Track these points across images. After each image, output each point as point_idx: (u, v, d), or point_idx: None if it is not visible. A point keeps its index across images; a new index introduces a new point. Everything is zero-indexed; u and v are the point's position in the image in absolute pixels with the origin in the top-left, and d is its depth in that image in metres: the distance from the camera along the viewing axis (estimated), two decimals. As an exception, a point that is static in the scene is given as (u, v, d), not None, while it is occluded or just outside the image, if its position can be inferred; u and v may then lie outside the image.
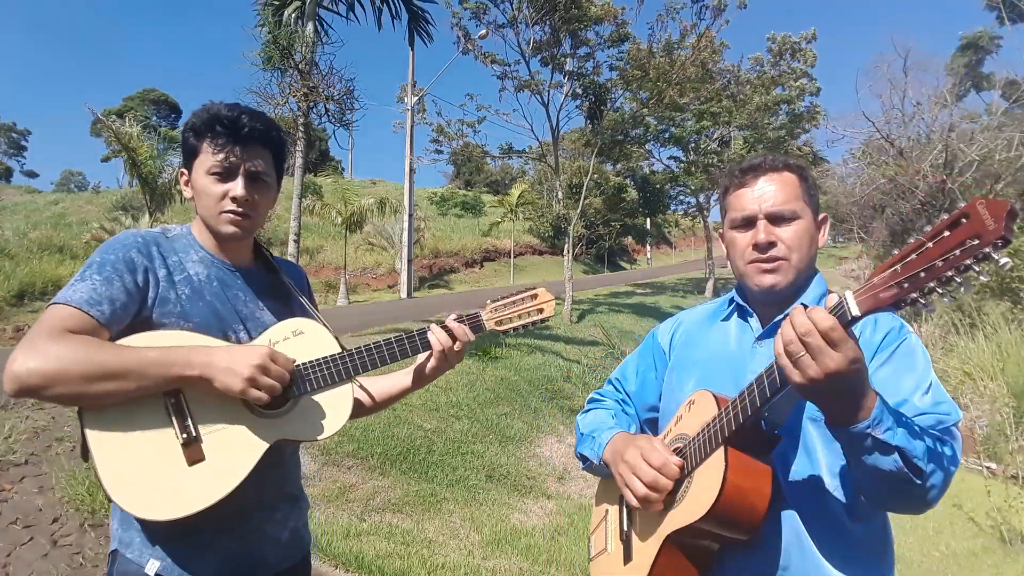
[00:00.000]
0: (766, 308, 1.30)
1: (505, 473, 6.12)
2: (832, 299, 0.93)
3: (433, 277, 27.78)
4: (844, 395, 0.95)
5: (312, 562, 1.57)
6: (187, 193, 1.39)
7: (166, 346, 1.21)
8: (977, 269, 0.79)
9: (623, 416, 1.52)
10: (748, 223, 1.27)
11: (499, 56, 15.34)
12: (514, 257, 29.40)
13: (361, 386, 1.57)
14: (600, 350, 12.23)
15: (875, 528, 1.20)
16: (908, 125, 17.35)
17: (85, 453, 1.20)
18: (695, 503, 1.12)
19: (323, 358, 1.35)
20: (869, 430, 0.96)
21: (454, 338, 1.43)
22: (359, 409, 1.57)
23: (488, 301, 1.52)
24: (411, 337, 1.43)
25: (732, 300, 1.38)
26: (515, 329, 1.51)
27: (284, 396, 1.29)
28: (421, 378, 1.53)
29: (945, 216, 0.83)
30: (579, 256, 34.94)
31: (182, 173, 1.41)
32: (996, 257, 0.77)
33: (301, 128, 7.71)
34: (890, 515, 1.24)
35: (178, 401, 1.22)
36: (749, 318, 1.33)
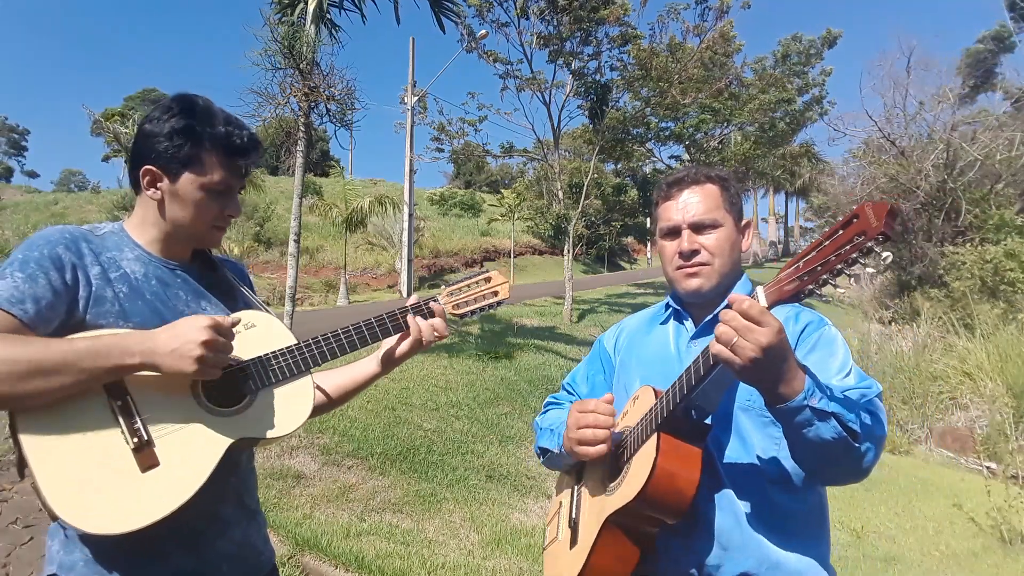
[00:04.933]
0: (698, 310, 1.41)
1: (505, 473, 6.11)
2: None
3: (433, 277, 27.79)
4: (779, 369, 1.04)
5: (312, 562, 1.56)
6: (154, 196, 1.26)
7: (96, 334, 1.12)
8: (863, 261, 0.93)
9: None
10: (674, 232, 1.38)
11: (502, 54, 15.36)
12: (514, 257, 29.39)
13: (317, 386, 1.48)
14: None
15: (812, 504, 1.29)
16: (910, 124, 17.36)
17: (21, 468, 1.10)
18: (630, 485, 1.21)
19: (280, 350, 1.28)
20: (806, 401, 1.05)
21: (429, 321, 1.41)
22: (318, 405, 1.48)
23: (443, 286, 1.49)
24: (376, 321, 1.38)
25: (668, 305, 1.49)
26: (472, 313, 1.47)
27: (240, 393, 1.24)
28: (390, 362, 1.47)
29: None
30: (579, 256, 34.91)
31: (150, 172, 1.24)
32: (878, 251, 0.91)
33: (302, 128, 7.69)
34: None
35: (125, 403, 1.13)
36: (684, 320, 1.44)
